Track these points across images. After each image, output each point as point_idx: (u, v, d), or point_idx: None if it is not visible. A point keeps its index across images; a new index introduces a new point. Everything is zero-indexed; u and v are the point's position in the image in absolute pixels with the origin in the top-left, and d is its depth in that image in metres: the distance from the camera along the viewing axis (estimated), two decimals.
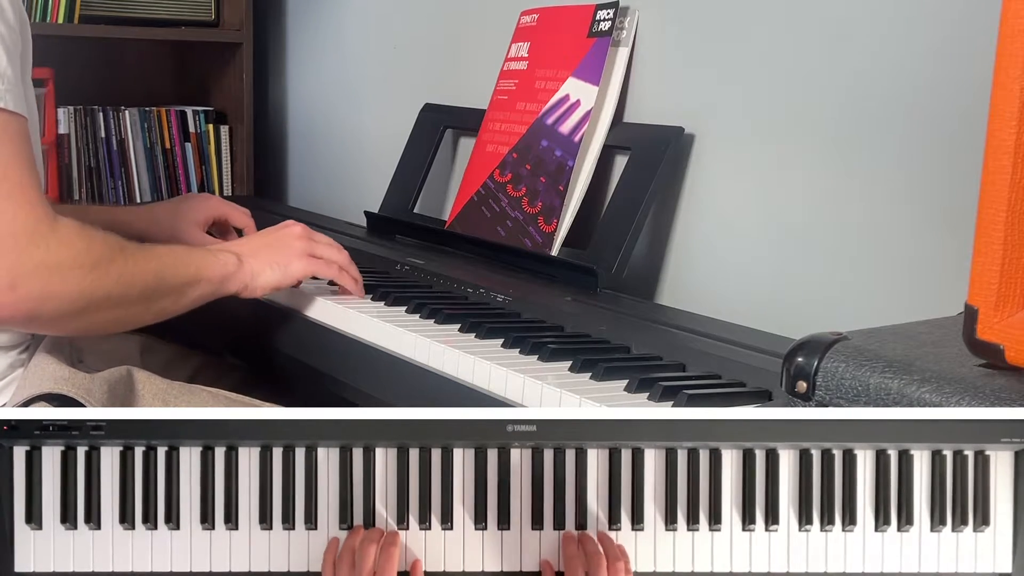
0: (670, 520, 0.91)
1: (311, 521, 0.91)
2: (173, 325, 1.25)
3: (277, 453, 0.92)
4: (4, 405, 1.08)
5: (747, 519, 0.91)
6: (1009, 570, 0.90)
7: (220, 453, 0.92)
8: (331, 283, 1.31)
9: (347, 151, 2.18)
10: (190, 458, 0.92)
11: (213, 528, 0.92)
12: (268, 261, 1.19)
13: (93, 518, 0.92)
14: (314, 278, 1.29)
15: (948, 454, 0.90)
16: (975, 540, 0.91)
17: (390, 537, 0.89)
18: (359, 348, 1.17)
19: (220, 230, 1.48)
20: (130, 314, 1.09)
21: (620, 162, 1.46)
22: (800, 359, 0.74)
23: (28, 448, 0.92)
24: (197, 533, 0.92)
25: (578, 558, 0.88)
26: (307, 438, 0.91)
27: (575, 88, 1.47)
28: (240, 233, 1.47)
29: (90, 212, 1.46)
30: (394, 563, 0.86)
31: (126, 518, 0.92)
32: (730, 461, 0.91)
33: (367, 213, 1.77)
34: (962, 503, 0.90)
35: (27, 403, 1.05)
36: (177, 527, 0.92)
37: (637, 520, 0.90)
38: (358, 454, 0.92)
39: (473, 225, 1.56)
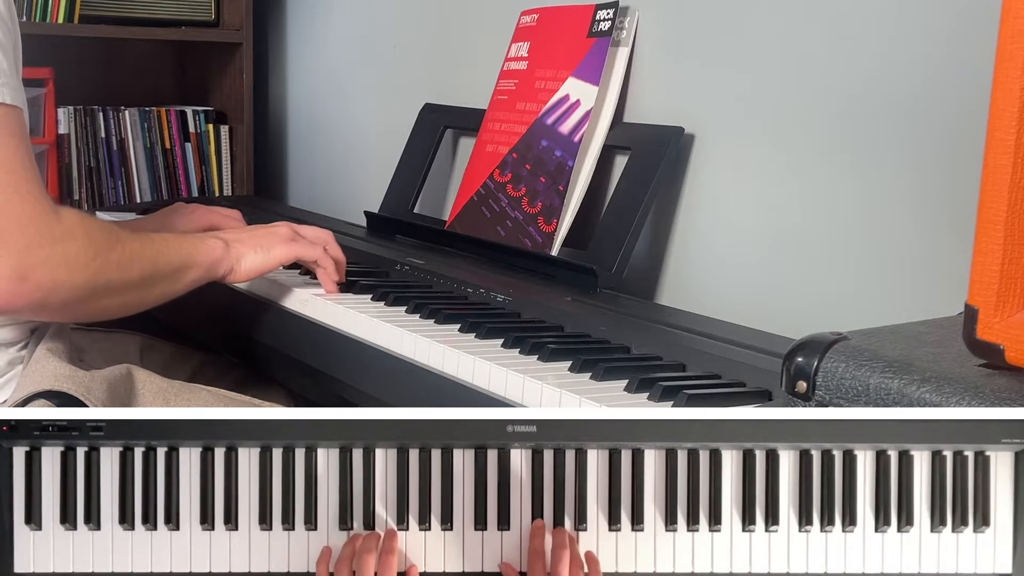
0: (670, 520, 0.91)
1: (311, 522, 0.91)
2: (172, 323, 1.25)
3: (277, 453, 0.92)
4: (4, 402, 1.08)
5: (747, 520, 0.91)
6: (1009, 571, 0.90)
7: (220, 453, 0.92)
8: (312, 277, 1.32)
9: (347, 151, 2.18)
10: (190, 458, 0.92)
11: (213, 529, 0.92)
12: (252, 246, 1.23)
13: (93, 519, 0.92)
14: (304, 273, 1.31)
15: (948, 455, 0.90)
16: (975, 541, 0.91)
17: (387, 543, 0.89)
18: (359, 348, 1.17)
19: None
20: (131, 299, 1.11)
21: (620, 162, 1.46)
22: (800, 359, 0.74)
23: (28, 448, 0.92)
24: (197, 534, 0.92)
25: (542, 554, 0.88)
26: (307, 438, 0.91)
27: (575, 88, 1.47)
28: None
29: None
30: (393, 571, 0.86)
31: (126, 519, 0.92)
32: (730, 461, 0.91)
33: (367, 213, 1.77)
34: (962, 504, 0.90)
35: (27, 400, 1.05)
36: (177, 528, 0.92)
37: (637, 520, 0.90)
38: (358, 454, 0.92)
39: (473, 225, 1.56)
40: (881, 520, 0.90)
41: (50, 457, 0.92)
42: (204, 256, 1.17)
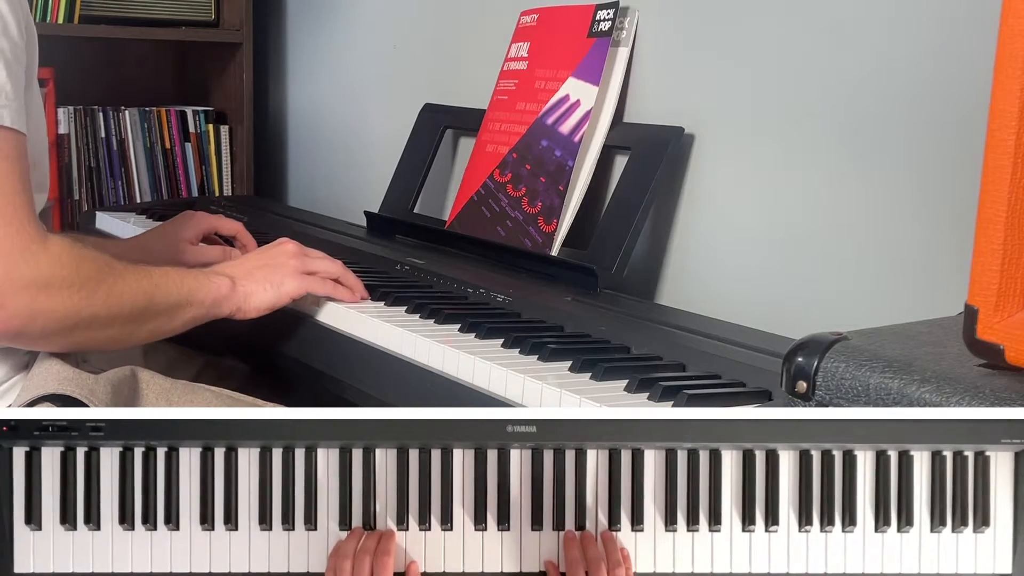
0: (670, 521, 0.91)
1: (311, 522, 0.91)
2: None
3: (277, 454, 0.92)
4: (9, 406, 1.08)
5: (747, 520, 0.91)
6: (1009, 571, 0.90)
7: (220, 454, 0.92)
8: None
9: (347, 151, 2.18)
10: (190, 459, 0.92)
11: (213, 529, 0.92)
12: (262, 282, 1.19)
13: (92, 519, 0.92)
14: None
15: (948, 455, 0.90)
16: (975, 541, 0.90)
17: (384, 545, 0.89)
18: (359, 348, 1.17)
19: (224, 240, 1.48)
20: (119, 333, 1.08)
21: (620, 162, 1.46)
22: (800, 359, 0.74)
23: (28, 449, 0.92)
24: (197, 534, 0.92)
25: (579, 562, 0.88)
26: (307, 438, 0.91)
27: (575, 88, 1.46)
28: (232, 243, 1.47)
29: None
30: (389, 572, 0.86)
31: (126, 519, 0.92)
32: (730, 462, 0.91)
33: (367, 213, 1.77)
34: (962, 504, 0.90)
35: (31, 404, 1.05)
36: (177, 528, 0.92)
37: (637, 521, 0.90)
38: (358, 455, 0.92)
39: (473, 225, 1.56)
40: (881, 520, 0.90)
41: (50, 457, 0.92)
42: (206, 294, 1.14)
